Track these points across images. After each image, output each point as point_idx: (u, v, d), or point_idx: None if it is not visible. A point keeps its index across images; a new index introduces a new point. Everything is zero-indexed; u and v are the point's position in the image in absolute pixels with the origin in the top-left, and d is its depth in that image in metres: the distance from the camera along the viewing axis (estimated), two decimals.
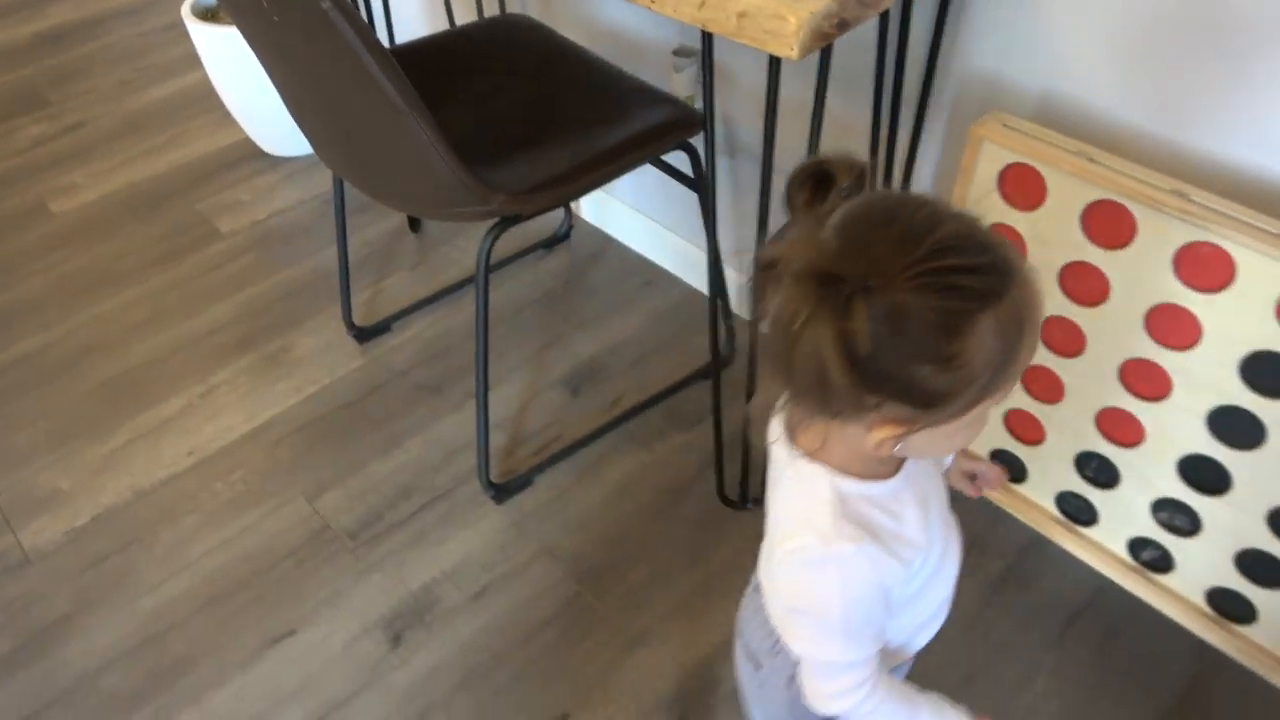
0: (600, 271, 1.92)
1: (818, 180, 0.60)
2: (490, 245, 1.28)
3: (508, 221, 1.26)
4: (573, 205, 2.03)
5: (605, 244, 1.97)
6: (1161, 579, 1.24)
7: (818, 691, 0.73)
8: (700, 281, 1.83)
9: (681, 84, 1.51)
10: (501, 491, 1.50)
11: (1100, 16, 1.03)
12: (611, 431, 1.59)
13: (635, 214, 1.90)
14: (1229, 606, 1.19)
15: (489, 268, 1.34)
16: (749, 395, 1.40)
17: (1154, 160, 1.05)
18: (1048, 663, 1.27)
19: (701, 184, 1.40)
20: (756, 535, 0.75)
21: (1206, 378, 1.04)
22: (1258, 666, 1.19)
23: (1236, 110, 0.99)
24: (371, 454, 1.58)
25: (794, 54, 0.90)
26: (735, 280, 1.68)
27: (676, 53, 1.51)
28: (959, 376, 0.57)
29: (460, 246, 1.98)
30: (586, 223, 2.03)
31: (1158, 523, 1.19)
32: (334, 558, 1.44)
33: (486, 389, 1.45)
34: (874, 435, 0.61)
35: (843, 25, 0.93)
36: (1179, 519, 1.17)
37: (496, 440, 1.57)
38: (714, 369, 1.42)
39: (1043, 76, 1.12)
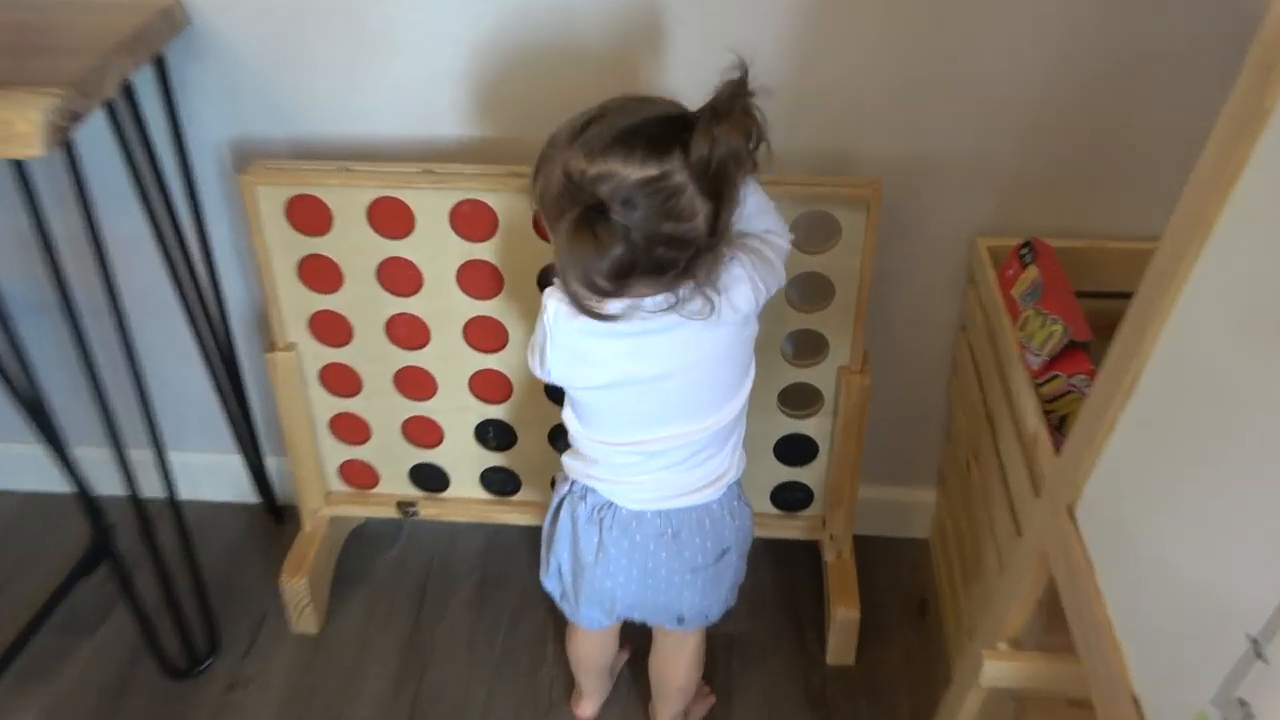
0: None
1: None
2: None
3: None
4: None
5: None
6: None
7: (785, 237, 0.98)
8: (34, 479, 1.55)
9: None
10: None
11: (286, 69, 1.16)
12: None
13: None
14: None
15: None
16: (157, 565, 1.22)
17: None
18: None
19: None
20: (228, 687, 0.67)
21: None
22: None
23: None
24: None
25: (40, 151, 0.90)
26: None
27: None
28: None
29: None
30: None
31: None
32: None
33: None
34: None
35: (75, 116, 0.95)
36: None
37: None
38: (103, 551, 1.22)
39: (283, 124, 1.20)
